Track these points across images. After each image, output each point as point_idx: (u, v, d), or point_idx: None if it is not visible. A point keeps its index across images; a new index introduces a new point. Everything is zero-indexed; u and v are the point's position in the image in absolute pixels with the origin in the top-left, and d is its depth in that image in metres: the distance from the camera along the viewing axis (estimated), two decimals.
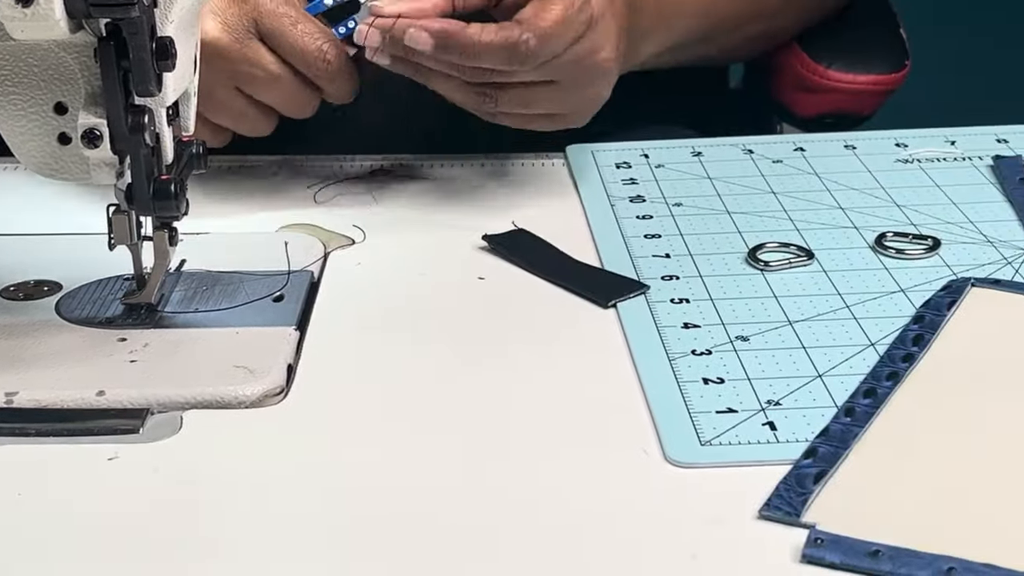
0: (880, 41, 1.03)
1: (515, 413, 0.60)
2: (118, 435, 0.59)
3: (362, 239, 0.77)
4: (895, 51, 1.02)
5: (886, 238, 0.74)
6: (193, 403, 0.61)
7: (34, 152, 0.62)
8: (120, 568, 0.51)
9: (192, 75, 0.64)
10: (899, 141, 0.88)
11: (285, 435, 0.59)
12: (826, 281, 0.71)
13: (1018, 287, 0.69)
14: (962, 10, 2.14)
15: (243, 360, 0.63)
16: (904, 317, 0.66)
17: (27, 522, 0.54)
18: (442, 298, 0.71)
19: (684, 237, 0.76)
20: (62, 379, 0.62)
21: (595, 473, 0.56)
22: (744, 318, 0.67)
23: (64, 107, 0.61)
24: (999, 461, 0.56)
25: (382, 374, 0.64)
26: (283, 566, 0.51)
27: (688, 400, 0.60)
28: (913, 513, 0.53)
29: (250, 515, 0.54)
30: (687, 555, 0.51)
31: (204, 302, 0.69)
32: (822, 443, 0.56)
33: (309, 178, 0.85)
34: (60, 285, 0.70)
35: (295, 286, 0.71)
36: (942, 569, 0.49)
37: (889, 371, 0.62)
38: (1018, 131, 0.88)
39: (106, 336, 0.66)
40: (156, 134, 0.62)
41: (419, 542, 0.52)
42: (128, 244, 0.66)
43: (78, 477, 0.56)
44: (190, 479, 0.56)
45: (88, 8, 0.56)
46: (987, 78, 2.06)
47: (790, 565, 0.50)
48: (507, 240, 0.75)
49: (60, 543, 0.52)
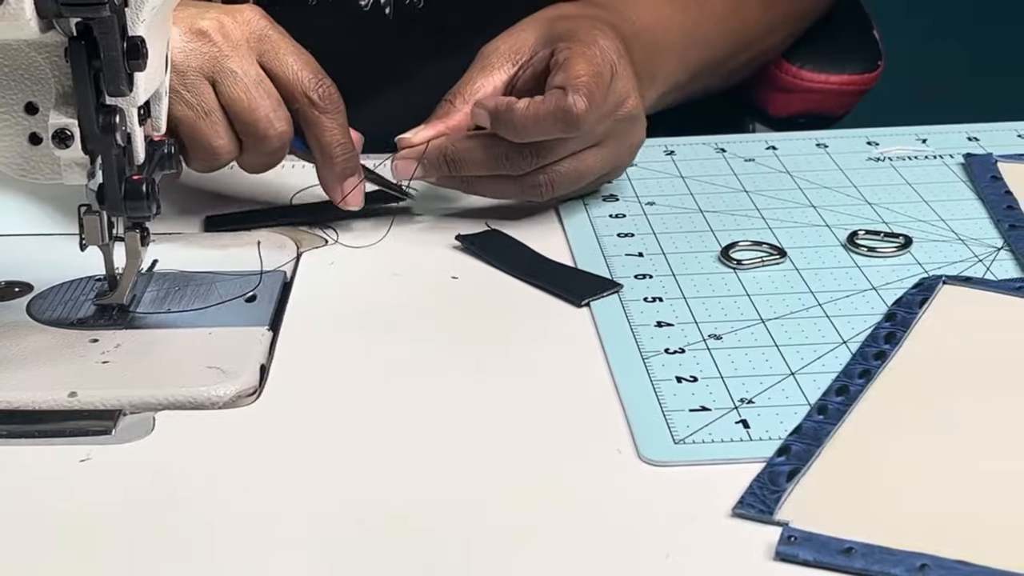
0: (853, 42, 1.04)
1: (488, 411, 0.60)
2: (90, 436, 0.58)
3: (335, 240, 0.77)
4: (868, 52, 1.02)
5: (858, 236, 0.75)
6: (166, 404, 0.60)
7: (4, 152, 0.62)
8: (93, 568, 0.51)
9: (164, 75, 0.64)
10: (870, 139, 0.88)
11: (259, 436, 0.59)
12: (798, 279, 0.71)
13: (989, 285, 0.69)
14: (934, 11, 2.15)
15: (216, 361, 0.63)
16: (876, 315, 0.67)
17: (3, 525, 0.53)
18: (416, 298, 0.71)
19: (657, 236, 0.76)
20: (33, 380, 0.62)
21: (568, 472, 0.56)
22: (717, 316, 0.67)
23: (35, 107, 0.61)
24: (971, 458, 0.56)
25: (355, 374, 0.64)
26: (256, 566, 0.51)
27: (661, 398, 0.60)
28: (886, 510, 0.53)
29: (223, 516, 0.54)
30: (660, 554, 0.51)
31: (176, 302, 0.69)
32: (795, 441, 0.57)
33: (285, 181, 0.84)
34: (31, 286, 0.70)
35: (268, 286, 0.71)
36: (915, 566, 0.49)
37: (861, 369, 0.62)
38: (989, 129, 0.89)
39: (78, 337, 0.66)
40: (127, 134, 0.62)
41: (392, 538, 0.52)
42: (100, 244, 0.65)
43: (50, 478, 0.56)
44: (163, 480, 0.56)
45: (59, 8, 0.55)
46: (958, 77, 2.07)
47: (764, 563, 0.50)
48: (481, 240, 0.75)
49: (32, 544, 0.52)
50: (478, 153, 0.74)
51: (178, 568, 0.51)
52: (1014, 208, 0.77)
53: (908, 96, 1.14)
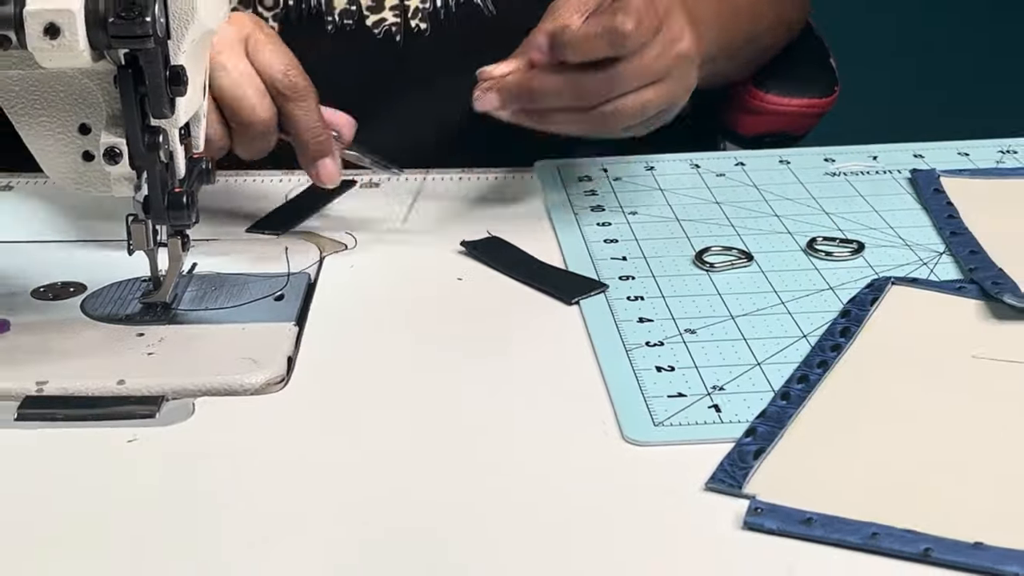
0: (813, 69, 1.04)
1: (489, 398, 0.60)
2: (137, 420, 0.58)
3: (354, 245, 0.76)
4: (826, 78, 1.02)
5: (816, 242, 0.75)
6: (204, 391, 0.60)
7: (61, 168, 0.62)
8: (139, 533, 0.51)
9: (201, 99, 0.64)
10: (827, 156, 0.88)
11: (286, 419, 0.59)
12: (763, 280, 0.71)
13: (933, 285, 0.69)
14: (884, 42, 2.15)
15: (248, 352, 0.63)
16: (832, 312, 0.67)
17: (55, 497, 0.53)
18: (425, 296, 0.71)
19: (639, 242, 0.76)
20: (86, 370, 0.62)
21: (559, 451, 0.56)
22: (692, 313, 0.67)
23: (88, 128, 0.61)
24: (916, 439, 0.56)
25: (372, 364, 0.64)
26: (283, 535, 0.51)
27: (643, 386, 0.60)
28: (842, 485, 0.53)
29: (254, 488, 0.54)
30: (642, 524, 0.51)
31: (213, 301, 0.69)
32: (761, 423, 0.57)
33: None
34: (85, 286, 0.70)
35: (294, 286, 0.71)
36: (867, 534, 0.49)
37: (819, 360, 0.62)
38: (932, 147, 0.89)
39: (126, 332, 0.65)
40: (170, 152, 0.62)
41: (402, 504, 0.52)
42: (145, 249, 0.66)
43: (101, 457, 0.56)
44: (201, 459, 0.56)
45: (109, 40, 0.55)
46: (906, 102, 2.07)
47: (733, 532, 0.50)
48: (483, 246, 0.75)
49: (85, 514, 0.52)
50: (551, 84, 0.72)
51: (214, 533, 0.51)
52: (954, 217, 0.77)
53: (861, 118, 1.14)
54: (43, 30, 0.54)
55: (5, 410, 0.59)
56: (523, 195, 0.83)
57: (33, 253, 0.75)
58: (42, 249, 0.75)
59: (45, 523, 0.52)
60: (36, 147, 0.62)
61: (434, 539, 0.50)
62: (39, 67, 0.56)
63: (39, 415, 0.59)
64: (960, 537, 0.49)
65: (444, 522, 0.51)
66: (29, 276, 0.71)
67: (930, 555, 0.48)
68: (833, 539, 0.49)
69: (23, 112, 0.61)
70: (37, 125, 0.61)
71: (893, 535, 0.49)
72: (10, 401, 0.59)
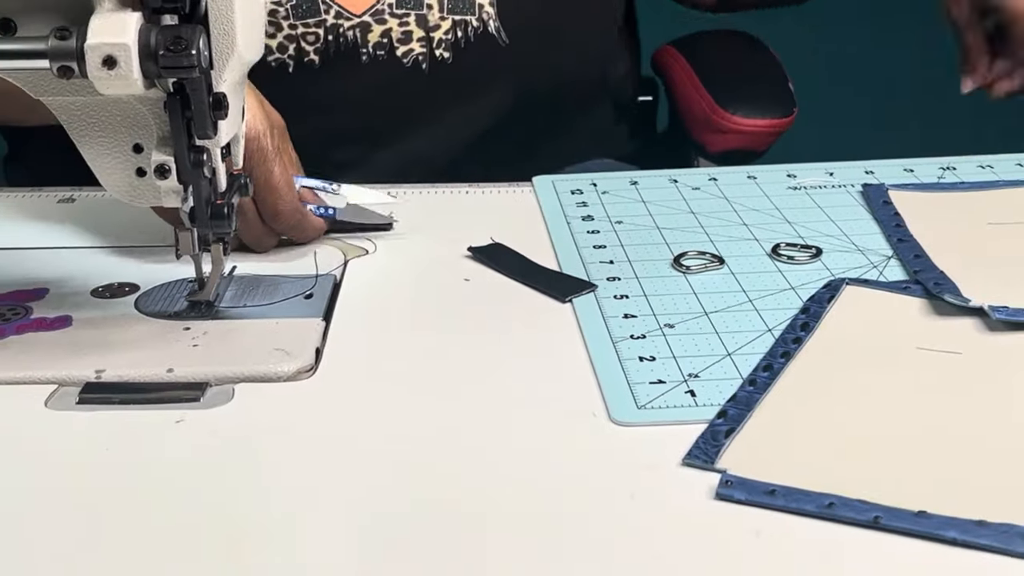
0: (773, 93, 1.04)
1: (493, 384, 0.60)
2: (183, 403, 0.58)
3: (374, 250, 0.76)
4: (785, 100, 1.02)
5: (779, 247, 0.75)
6: (242, 378, 0.61)
7: (117, 182, 0.62)
8: (184, 504, 0.51)
9: (240, 122, 0.64)
10: (789, 172, 0.88)
11: (314, 404, 0.59)
12: (733, 281, 0.71)
13: (882, 285, 0.69)
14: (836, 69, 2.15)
15: (281, 344, 0.63)
16: (793, 309, 0.67)
17: (113, 472, 0.54)
18: (437, 295, 0.71)
19: (624, 247, 0.76)
20: (139, 359, 0.62)
21: (555, 430, 0.56)
22: (670, 310, 0.67)
23: (140, 147, 0.61)
24: (868, 419, 0.56)
25: (391, 355, 0.64)
26: (313, 505, 0.51)
27: (627, 373, 0.60)
28: (802, 460, 0.53)
29: (287, 465, 0.54)
30: (627, 494, 0.51)
31: (250, 299, 0.69)
32: (731, 406, 0.57)
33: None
34: (138, 286, 0.70)
35: (322, 286, 0.71)
36: (824, 504, 0.49)
37: (783, 351, 0.62)
38: (881, 164, 0.88)
39: (174, 326, 0.66)
40: (212, 168, 0.62)
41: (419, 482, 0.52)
42: (191, 254, 0.66)
43: (152, 436, 0.56)
44: (240, 438, 0.56)
45: (159, 70, 0.55)
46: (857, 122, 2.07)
47: (707, 502, 0.50)
48: (487, 251, 0.75)
49: (138, 489, 0.52)
50: None
51: (250, 503, 0.51)
52: (901, 226, 0.77)
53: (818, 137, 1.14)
54: (101, 61, 0.54)
55: (68, 395, 0.59)
56: (523, 206, 0.83)
57: (92, 257, 0.75)
58: (100, 254, 0.75)
59: (102, 493, 0.52)
60: (95, 164, 0.62)
61: (448, 508, 0.50)
62: (98, 94, 0.56)
63: (98, 399, 0.59)
64: (906, 506, 0.49)
65: (457, 493, 0.51)
66: (89, 277, 0.71)
67: (879, 522, 0.48)
68: (794, 508, 0.49)
69: (84, 133, 0.61)
70: (96, 145, 0.61)
71: (847, 504, 0.49)
72: (73, 387, 0.60)
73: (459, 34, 0.87)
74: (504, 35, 0.87)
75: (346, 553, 0.48)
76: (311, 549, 0.48)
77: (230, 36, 0.58)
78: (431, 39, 0.87)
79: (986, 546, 0.47)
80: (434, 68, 0.88)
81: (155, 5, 0.55)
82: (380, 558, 0.48)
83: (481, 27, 0.86)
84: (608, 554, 0.47)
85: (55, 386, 0.60)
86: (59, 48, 0.55)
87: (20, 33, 0.57)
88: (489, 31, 0.87)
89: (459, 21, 0.86)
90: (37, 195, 0.85)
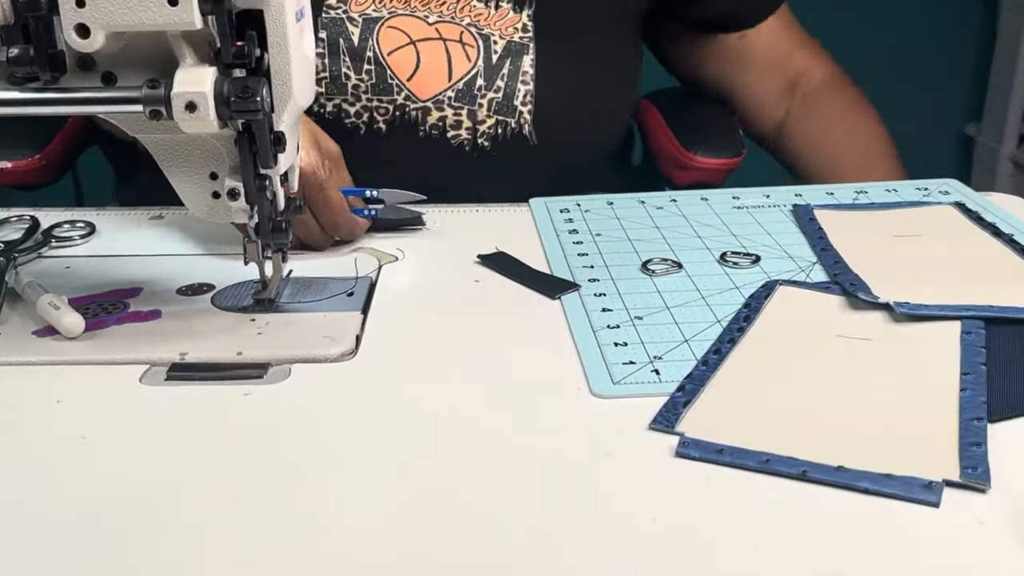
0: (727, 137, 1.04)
1: (498, 364, 0.60)
2: (250, 380, 0.58)
3: (402, 257, 0.76)
4: (736, 143, 1.02)
5: (726, 255, 0.75)
6: (298, 359, 0.60)
7: (197, 203, 0.62)
8: (249, 459, 0.51)
9: (295, 154, 0.64)
10: (735, 195, 0.88)
11: (355, 381, 0.59)
12: (690, 282, 0.71)
13: (808, 285, 0.69)
14: None
15: (328, 333, 0.63)
16: (737, 304, 0.67)
17: (193, 435, 0.54)
18: (453, 293, 0.71)
19: (602, 254, 0.76)
20: (215, 345, 0.62)
21: (546, 401, 0.56)
22: (639, 305, 0.67)
23: (216, 175, 0.61)
24: (798, 392, 0.56)
25: (416, 342, 0.63)
26: (353, 464, 0.51)
27: (605, 356, 0.60)
28: (744, 425, 0.53)
29: (333, 430, 0.54)
30: (604, 453, 0.51)
31: (304, 296, 0.69)
32: (688, 382, 0.57)
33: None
34: (214, 286, 0.70)
35: (361, 286, 0.71)
36: (762, 460, 0.49)
37: (729, 338, 0.62)
38: (808, 189, 0.88)
39: (243, 318, 0.66)
40: (273, 192, 0.62)
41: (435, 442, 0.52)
42: (256, 261, 0.66)
43: (225, 407, 0.56)
44: (296, 408, 0.56)
45: (231, 113, 0.55)
46: None
47: (668, 459, 0.50)
48: (493, 258, 0.74)
49: (212, 449, 0.52)
50: None
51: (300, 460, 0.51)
52: (823, 238, 0.77)
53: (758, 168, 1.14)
54: (184, 106, 0.54)
55: (158, 373, 0.59)
56: (521, 222, 0.83)
57: (177, 263, 0.75)
58: (184, 260, 0.75)
59: (185, 451, 0.52)
60: (179, 188, 0.62)
61: (461, 460, 0.50)
62: (182, 132, 0.56)
63: (182, 376, 0.59)
64: (827, 462, 0.49)
65: (468, 449, 0.51)
66: (175, 279, 0.71)
67: (807, 475, 0.48)
68: (738, 463, 0.49)
69: (171, 163, 0.61)
70: (180, 172, 0.61)
71: (780, 460, 0.49)
72: (161, 367, 0.60)
73: (499, 131, 0.88)
74: (534, 137, 0.88)
75: (375, 499, 0.48)
76: (348, 497, 0.48)
77: (287, 86, 0.58)
78: (476, 130, 0.88)
79: (892, 494, 0.47)
80: (475, 151, 0.89)
81: (227, 61, 0.55)
82: (404, 501, 0.47)
83: (518, 128, 0.87)
84: (590, 499, 0.47)
85: (147, 366, 0.60)
86: (151, 96, 0.55)
87: (120, 83, 0.57)
88: (524, 132, 0.88)
89: (501, 121, 0.87)
90: (135, 213, 0.85)
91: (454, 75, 0.85)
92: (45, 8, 0.53)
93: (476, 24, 0.86)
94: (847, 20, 2.17)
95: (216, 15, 0.54)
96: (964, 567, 0.43)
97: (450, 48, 0.85)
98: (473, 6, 0.86)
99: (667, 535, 0.45)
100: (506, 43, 0.86)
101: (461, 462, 0.50)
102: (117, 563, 0.44)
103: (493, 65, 0.85)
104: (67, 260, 0.75)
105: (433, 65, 0.85)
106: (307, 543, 0.45)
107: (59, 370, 0.59)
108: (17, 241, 0.76)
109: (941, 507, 0.46)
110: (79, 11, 0.53)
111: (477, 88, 0.85)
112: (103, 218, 0.83)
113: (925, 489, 0.47)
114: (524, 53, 0.86)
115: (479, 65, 0.85)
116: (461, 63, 0.85)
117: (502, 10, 0.86)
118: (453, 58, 0.85)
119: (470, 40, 0.86)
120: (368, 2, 0.85)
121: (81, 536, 0.45)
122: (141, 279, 0.71)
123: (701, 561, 0.43)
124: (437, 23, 0.85)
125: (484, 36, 0.86)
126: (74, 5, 0.53)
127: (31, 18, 0.53)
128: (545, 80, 0.87)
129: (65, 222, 0.81)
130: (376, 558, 0.44)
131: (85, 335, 0.62)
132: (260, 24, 0.56)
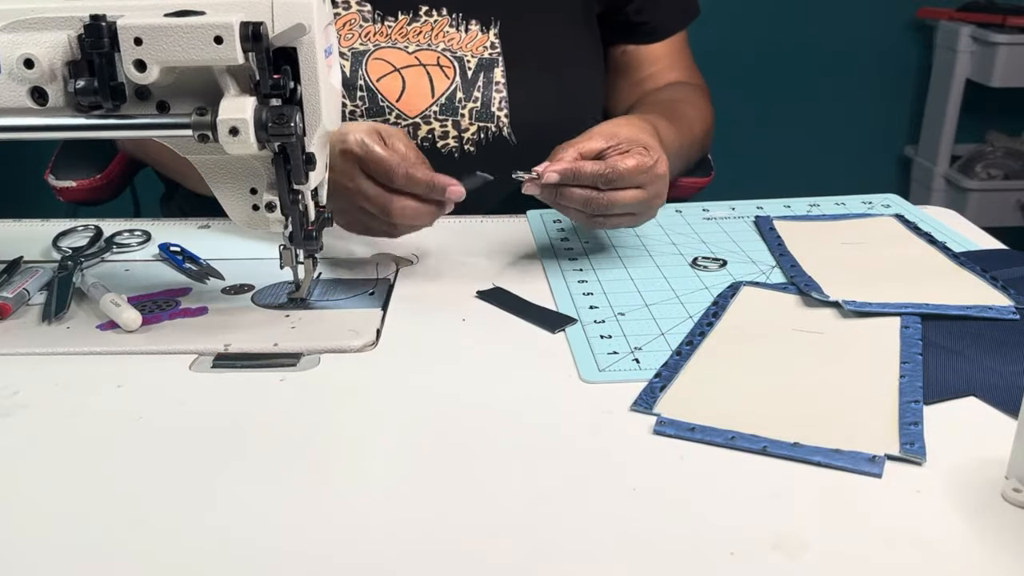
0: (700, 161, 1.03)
1: (500, 355, 0.60)
2: (285, 367, 0.58)
3: (417, 261, 0.76)
4: (706, 166, 1.02)
5: (698, 260, 0.75)
6: (326, 349, 0.60)
7: (239, 215, 0.62)
8: (284, 434, 0.51)
9: (324, 172, 0.64)
10: (704, 208, 0.88)
11: (376, 368, 0.59)
12: (666, 283, 0.71)
13: (768, 286, 0.69)
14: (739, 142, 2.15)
15: (353, 326, 0.63)
16: (707, 302, 0.67)
17: (235, 415, 0.54)
18: (461, 293, 0.70)
19: (590, 258, 0.76)
20: (255, 337, 0.62)
21: (543, 386, 0.56)
22: (622, 303, 0.67)
23: (255, 190, 0.61)
24: (759, 377, 0.56)
25: (430, 336, 0.63)
26: (373, 434, 0.51)
27: (592, 347, 0.60)
28: (713, 407, 0.53)
29: (357, 409, 0.54)
30: (591, 431, 0.51)
31: (332, 295, 0.69)
32: (664, 370, 0.57)
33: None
34: (253, 286, 0.70)
35: (381, 287, 0.70)
36: (728, 437, 0.49)
37: (699, 331, 0.62)
38: (768, 202, 0.88)
39: (279, 314, 0.65)
40: (305, 205, 0.62)
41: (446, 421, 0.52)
42: (290, 265, 0.65)
43: (263, 390, 0.56)
44: (324, 392, 0.56)
45: (268, 137, 0.56)
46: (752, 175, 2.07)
47: (647, 436, 0.50)
48: (491, 293, 0.70)
49: (252, 427, 0.52)
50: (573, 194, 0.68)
51: (328, 435, 0.51)
52: (782, 245, 0.77)
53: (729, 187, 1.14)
54: (228, 131, 0.54)
55: (205, 361, 0.59)
56: (520, 233, 0.83)
57: (222, 266, 0.74)
58: (228, 263, 0.75)
59: (228, 430, 0.52)
60: (224, 202, 0.62)
61: (470, 437, 0.50)
62: (226, 153, 0.57)
63: (226, 364, 0.59)
64: (785, 439, 0.49)
65: (477, 427, 0.51)
66: (220, 280, 0.71)
67: (767, 450, 0.48)
68: (707, 440, 0.49)
69: (216, 180, 0.61)
70: (224, 188, 0.61)
71: (744, 437, 0.49)
72: (208, 356, 0.60)
73: (482, 136, 0.88)
74: (514, 138, 0.88)
75: (392, 467, 0.48)
76: (370, 466, 0.48)
77: (317, 113, 0.58)
78: (462, 137, 0.88)
79: (841, 467, 0.47)
80: (462, 157, 0.88)
81: (265, 92, 0.55)
82: (417, 467, 0.48)
83: (498, 131, 0.87)
84: (579, 470, 0.47)
85: (196, 355, 0.60)
86: (199, 121, 0.55)
87: (172, 111, 0.57)
88: (504, 135, 0.88)
89: (482, 127, 0.87)
90: (185, 223, 0.85)
91: (436, 92, 0.85)
92: (108, 46, 0.53)
93: (450, 48, 0.86)
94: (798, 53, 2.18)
95: (256, 52, 0.54)
96: (904, 529, 0.43)
97: (430, 71, 0.85)
98: (445, 32, 0.87)
99: (645, 502, 0.45)
100: (478, 60, 0.86)
101: (467, 437, 0.50)
102: (174, 522, 0.44)
103: (469, 79, 0.86)
104: (126, 263, 0.75)
105: (417, 87, 0.85)
106: (335, 501, 0.45)
107: (119, 359, 0.59)
108: (83, 247, 0.77)
109: (883, 478, 0.46)
110: (137, 48, 0.53)
111: (458, 101, 0.85)
112: (157, 227, 0.83)
113: (869, 462, 0.47)
114: (495, 66, 0.86)
115: (456, 81, 0.85)
116: (441, 81, 0.85)
117: (471, 32, 0.87)
118: (434, 78, 0.85)
119: (446, 62, 0.86)
120: (355, 37, 0.85)
121: (140, 500, 0.45)
122: (191, 280, 0.71)
123: (675, 525, 0.43)
124: (416, 51, 0.86)
125: (458, 58, 0.86)
126: (133, 43, 0.53)
127: (96, 54, 0.54)
128: (516, 87, 0.87)
129: (125, 231, 0.81)
130: (393, 514, 0.44)
131: (142, 329, 0.62)
132: (294, 60, 0.56)
